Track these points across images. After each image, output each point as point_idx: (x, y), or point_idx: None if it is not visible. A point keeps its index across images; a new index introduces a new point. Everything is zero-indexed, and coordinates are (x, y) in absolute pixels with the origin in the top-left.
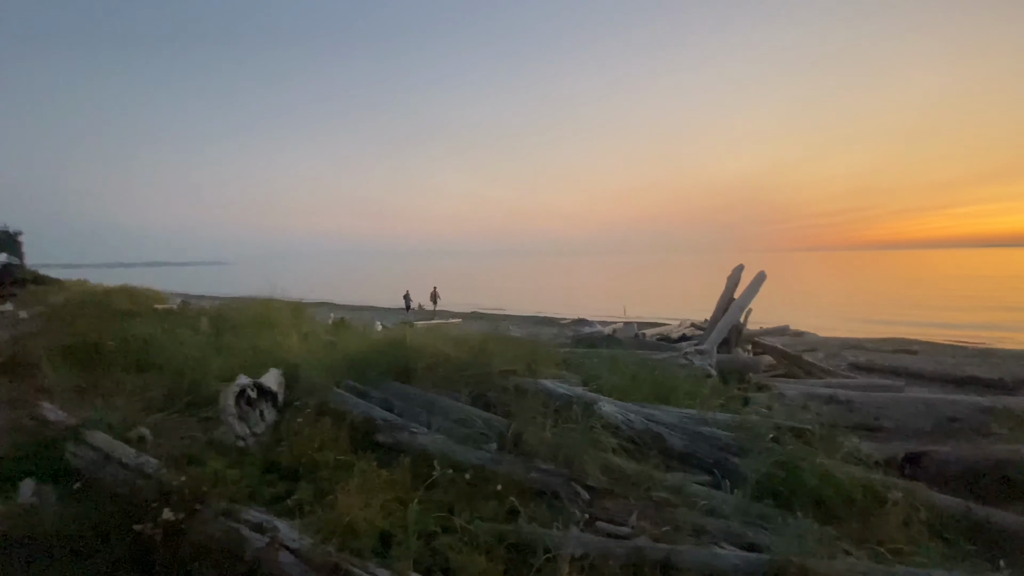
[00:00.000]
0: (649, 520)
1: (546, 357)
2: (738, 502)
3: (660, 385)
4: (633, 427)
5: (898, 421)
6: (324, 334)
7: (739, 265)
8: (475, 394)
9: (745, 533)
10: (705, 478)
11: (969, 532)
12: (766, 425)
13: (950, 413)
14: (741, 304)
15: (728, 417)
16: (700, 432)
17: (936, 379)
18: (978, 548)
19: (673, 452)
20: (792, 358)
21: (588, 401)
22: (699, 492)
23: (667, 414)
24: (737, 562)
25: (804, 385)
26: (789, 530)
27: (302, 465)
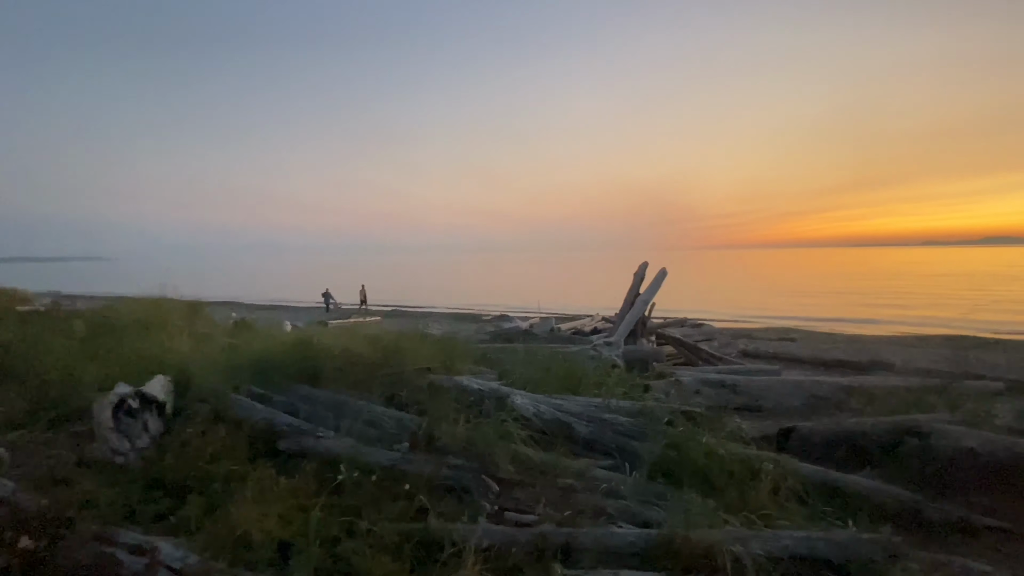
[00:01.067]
0: (554, 506)
1: (463, 354)
2: (635, 483)
3: (570, 376)
4: (543, 418)
5: (775, 401)
6: (223, 336)
7: (644, 262)
8: (388, 394)
9: (641, 511)
10: (608, 462)
11: (826, 495)
12: (662, 410)
13: (816, 392)
14: (645, 299)
15: (630, 404)
16: (604, 419)
17: (810, 363)
18: (833, 509)
19: (579, 440)
20: (690, 347)
21: (502, 395)
22: (601, 476)
23: (575, 404)
24: (632, 539)
25: (699, 372)
26: (678, 505)
27: (191, 479)
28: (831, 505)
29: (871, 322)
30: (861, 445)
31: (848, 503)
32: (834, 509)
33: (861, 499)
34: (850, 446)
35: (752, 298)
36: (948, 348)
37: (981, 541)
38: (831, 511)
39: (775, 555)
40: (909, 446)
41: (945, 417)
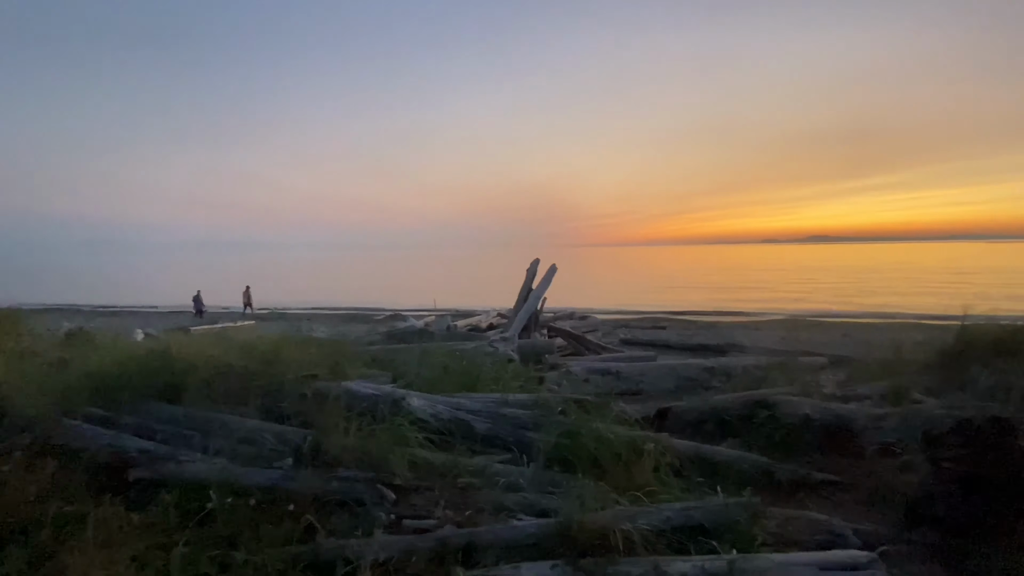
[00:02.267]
0: (454, 508)
1: (353, 357)
2: (533, 474)
3: (468, 374)
4: (441, 418)
5: (652, 384)
6: (53, 350)
7: (535, 259)
8: (267, 407)
9: (539, 501)
10: (507, 456)
11: (699, 467)
12: (556, 400)
13: (686, 374)
14: (537, 294)
15: (526, 397)
16: (502, 414)
17: (679, 348)
18: (705, 479)
19: (479, 437)
20: (578, 339)
21: (396, 398)
22: (500, 471)
23: (473, 401)
24: (532, 530)
25: (587, 361)
26: (573, 492)
27: (9, 527)
28: (703, 475)
29: (725, 311)
30: (724, 419)
31: (717, 471)
32: (706, 479)
33: (727, 467)
34: (715, 420)
35: (629, 291)
36: (784, 330)
37: (818, 493)
38: (703, 481)
39: (659, 528)
40: (760, 416)
41: (786, 389)
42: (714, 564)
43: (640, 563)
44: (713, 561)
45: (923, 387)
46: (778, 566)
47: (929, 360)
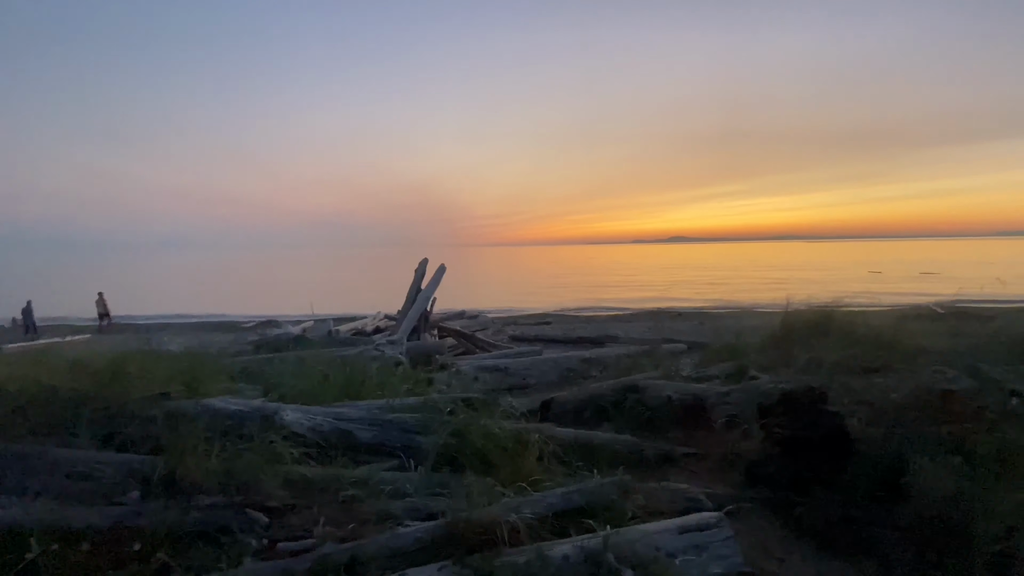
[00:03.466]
0: (336, 523)
1: (216, 370)
2: (420, 478)
3: (351, 381)
4: (321, 430)
5: (538, 377)
6: None
7: (424, 259)
8: (105, 434)
9: (427, 505)
10: (394, 463)
11: (579, 452)
12: (445, 401)
13: (567, 366)
14: (427, 294)
15: (414, 400)
16: (389, 420)
17: (562, 341)
18: (584, 463)
19: (363, 446)
20: (469, 337)
21: (267, 413)
22: (386, 479)
23: (357, 409)
24: (419, 535)
25: (477, 359)
26: (460, 491)
27: None
28: (583, 459)
29: (602, 306)
30: (600, 405)
31: (595, 455)
32: (585, 462)
33: (603, 449)
34: (593, 407)
35: (518, 289)
36: (652, 321)
37: (679, 465)
38: (582, 465)
39: (543, 514)
40: (631, 400)
41: (652, 374)
42: (591, 542)
43: (525, 551)
44: (590, 539)
45: (759, 365)
46: (645, 535)
47: (762, 342)
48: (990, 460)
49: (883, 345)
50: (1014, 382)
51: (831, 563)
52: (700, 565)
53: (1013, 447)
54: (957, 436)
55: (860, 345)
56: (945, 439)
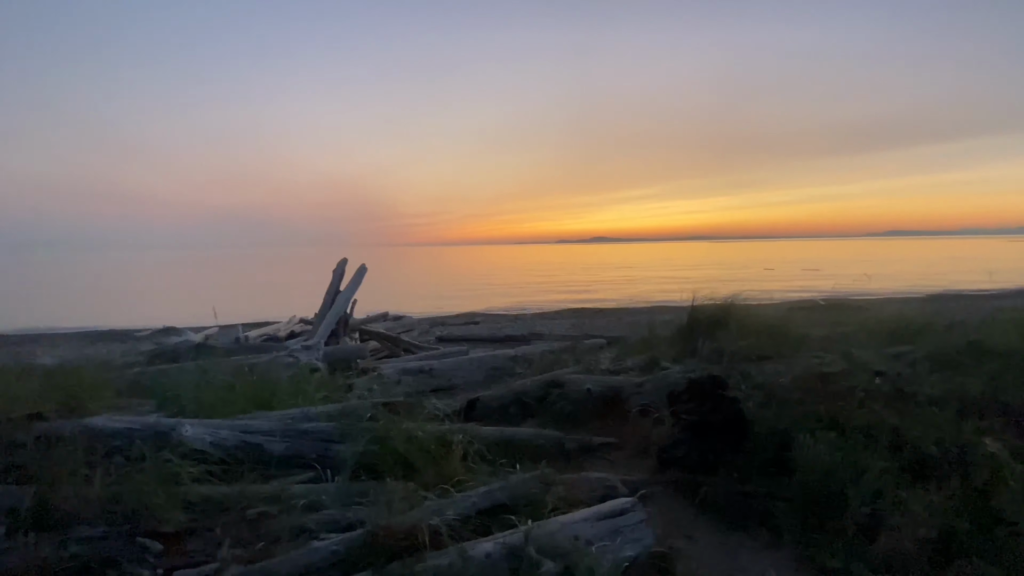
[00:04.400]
0: (243, 544)
1: (101, 385)
2: (338, 488)
3: (261, 390)
4: (226, 445)
5: (464, 378)
6: None
7: (343, 259)
8: None
9: (345, 516)
10: (309, 475)
11: (504, 450)
12: (365, 407)
13: (493, 364)
14: (347, 296)
15: (331, 407)
16: (304, 430)
17: (490, 340)
18: (508, 460)
19: (274, 460)
20: (392, 339)
21: (163, 429)
22: (299, 492)
23: (268, 420)
24: (335, 548)
25: (401, 362)
26: (381, 498)
27: None
28: (507, 456)
29: (529, 304)
30: (525, 401)
31: (519, 451)
32: (509, 459)
33: (526, 445)
34: (518, 404)
35: (446, 289)
36: (575, 318)
37: (599, 456)
38: (506, 462)
39: (467, 514)
40: (553, 395)
41: (574, 369)
42: (512, 537)
43: (447, 554)
44: (512, 535)
45: (669, 356)
46: (564, 526)
47: (672, 335)
48: (859, 433)
49: (774, 335)
50: (878, 363)
51: (732, 535)
52: (615, 549)
53: (877, 421)
54: (833, 413)
55: (755, 335)
56: (823, 416)
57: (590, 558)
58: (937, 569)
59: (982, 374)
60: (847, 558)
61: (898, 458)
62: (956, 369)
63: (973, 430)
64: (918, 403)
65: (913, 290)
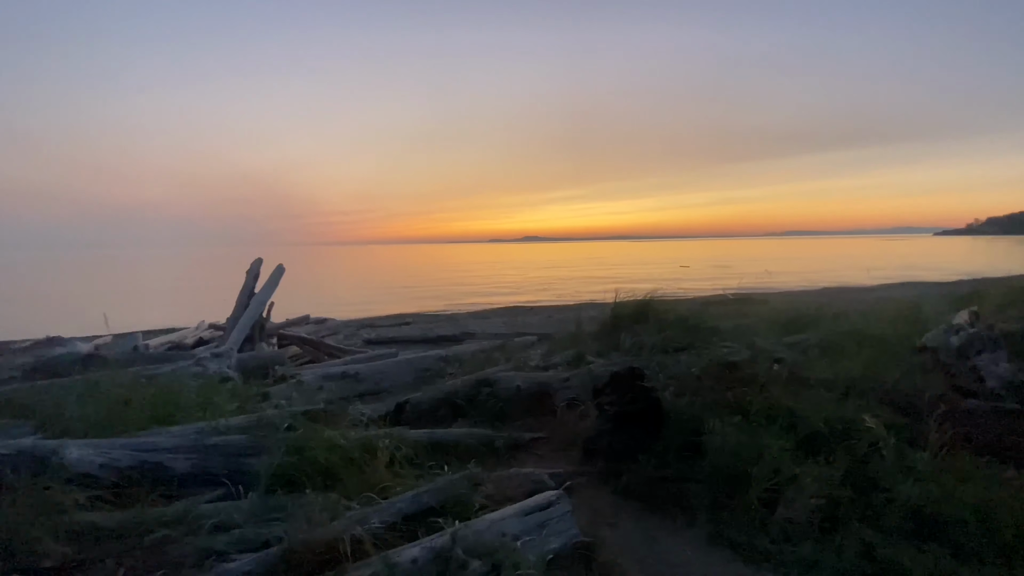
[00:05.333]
0: (142, 572)
1: None
2: (252, 505)
3: (164, 404)
4: (119, 466)
5: (392, 381)
6: None
7: (258, 259)
8: None
9: (260, 534)
10: (218, 492)
11: (433, 452)
12: (282, 416)
13: (423, 366)
14: (262, 298)
15: (244, 419)
16: (212, 444)
17: (421, 341)
18: (437, 462)
19: (178, 479)
20: (315, 344)
21: (42, 453)
22: (207, 512)
23: (170, 437)
24: (248, 568)
25: (323, 367)
26: (300, 511)
27: None
28: (437, 459)
29: (462, 303)
30: (455, 402)
31: (449, 452)
32: (439, 461)
33: (457, 445)
34: (448, 405)
35: (374, 289)
36: (507, 316)
37: (528, 450)
38: (435, 464)
39: (392, 521)
40: (484, 394)
41: (504, 367)
42: (439, 540)
43: (371, 564)
44: (439, 537)
45: (594, 351)
46: (492, 523)
47: (598, 331)
48: (760, 416)
49: (688, 328)
50: (777, 352)
51: (651, 519)
52: (541, 543)
53: (776, 404)
54: (738, 399)
55: (672, 328)
56: (730, 402)
57: (516, 554)
58: (826, 534)
59: (862, 358)
60: (750, 531)
61: (793, 436)
62: (841, 354)
63: (855, 408)
64: (810, 386)
65: (806, 285)
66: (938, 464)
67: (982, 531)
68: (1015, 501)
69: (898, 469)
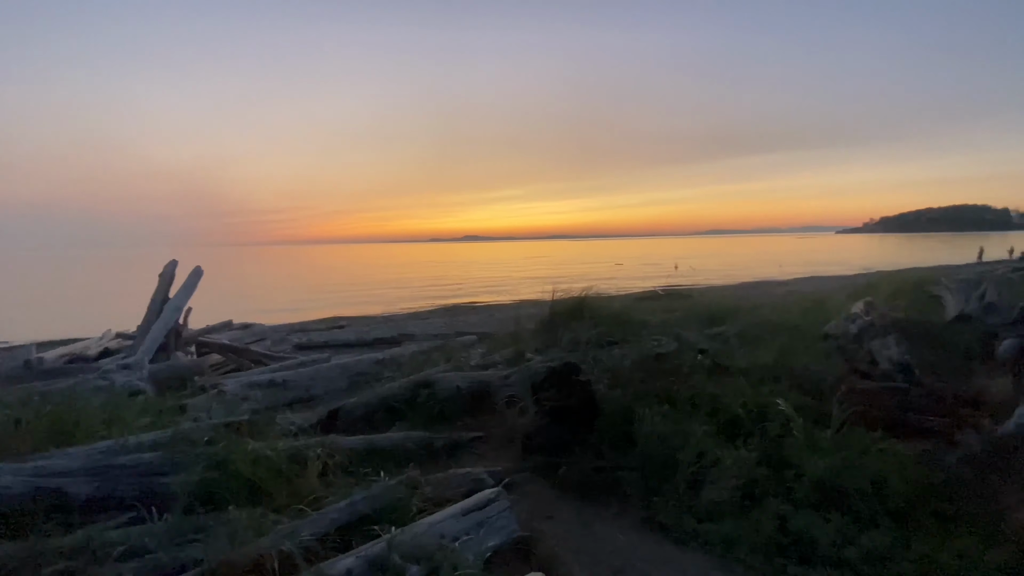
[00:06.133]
0: None
1: None
2: (168, 527)
3: (62, 422)
4: (9, 494)
5: (325, 387)
6: None
7: (172, 261)
8: None
9: (176, 557)
10: (128, 517)
11: (369, 459)
12: (201, 430)
13: (358, 370)
14: (178, 304)
15: (157, 435)
16: (119, 464)
17: (357, 345)
18: (374, 468)
19: (80, 504)
20: (239, 351)
21: None
22: (115, 538)
23: (70, 458)
24: None
25: (248, 376)
26: (223, 530)
27: None
28: (373, 465)
29: (401, 304)
30: (393, 405)
31: (386, 457)
32: (375, 468)
33: (395, 450)
34: (385, 409)
35: (307, 292)
36: (448, 316)
37: (468, 450)
38: (371, 470)
39: (324, 533)
40: (423, 395)
41: (444, 367)
42: (375, 548)
43: None
44: (374, 545)
45: (533, 348)
46: (430, 526)
47: (537, 328)
48: (686, 404)
49: (621, 322)
50: (701, 342)
51: (588, 509)
52: (479, 541)
53: (700, 391)
54: (666, 388)
55: (606, 324)
56: (659, 392)
57: (454, 555)
58: (745, 511)
59: (775, 347)
60: (679, 513)
61: (715, 422)
62: (757, 344)
63: (769, 393)
64: (731, 374)
65: (727, 279)
66: (840, 440)
67: (877, 499)
68: (904, 470)
69: (806, 447)
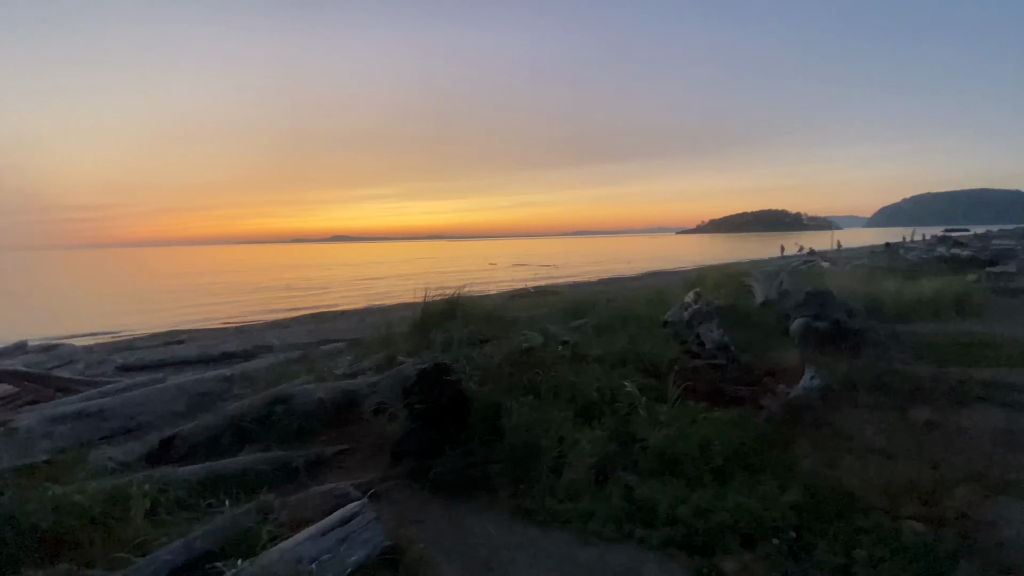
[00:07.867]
0: None
1: None
2: None
3: None
4: None
5: (156, 413)
6: None
7: None
8: None
9: None
10: None
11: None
12: None
13: (200, 390)
14: None
15: None
16: None
17: (200, 361)
18: (218, 499)
19: None
20: (39, 378)
21: None
22: None
23: None
24: None
25: (51, 407)
26: None
27: None
28: (217, 495)
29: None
30: (243, 426)
31: (235, 484)
32: (219, 498)
33: (244, 475)
34: (233, 431)
35: (135, 302)
36: (313, 323)
37: (333, 465)
38: (216, 501)
39: None
40: (279, 412)
41: (304, 380)
42: None
43: None
44: None
45: (405, 351)
46: (284, 552)
47: (409, 330)
48: (549, 393)
49: (493, 320)
50: (564, 335)
51: (459, 508)
52: (341, 559)
53: (562, 380)
54: (532, 380)
55: (478, 322)
56: (525, 384)
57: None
58: (600, 486)
59: (626, 335)
60: (542, 497)
61: (574, 407)
62: (612, 333)
63: (619, 376)
64: (588, 362)
65: (587, 276)
66: (675, 413)
67: (703, 460)
68: (722, 434)
69: (649, 422)
